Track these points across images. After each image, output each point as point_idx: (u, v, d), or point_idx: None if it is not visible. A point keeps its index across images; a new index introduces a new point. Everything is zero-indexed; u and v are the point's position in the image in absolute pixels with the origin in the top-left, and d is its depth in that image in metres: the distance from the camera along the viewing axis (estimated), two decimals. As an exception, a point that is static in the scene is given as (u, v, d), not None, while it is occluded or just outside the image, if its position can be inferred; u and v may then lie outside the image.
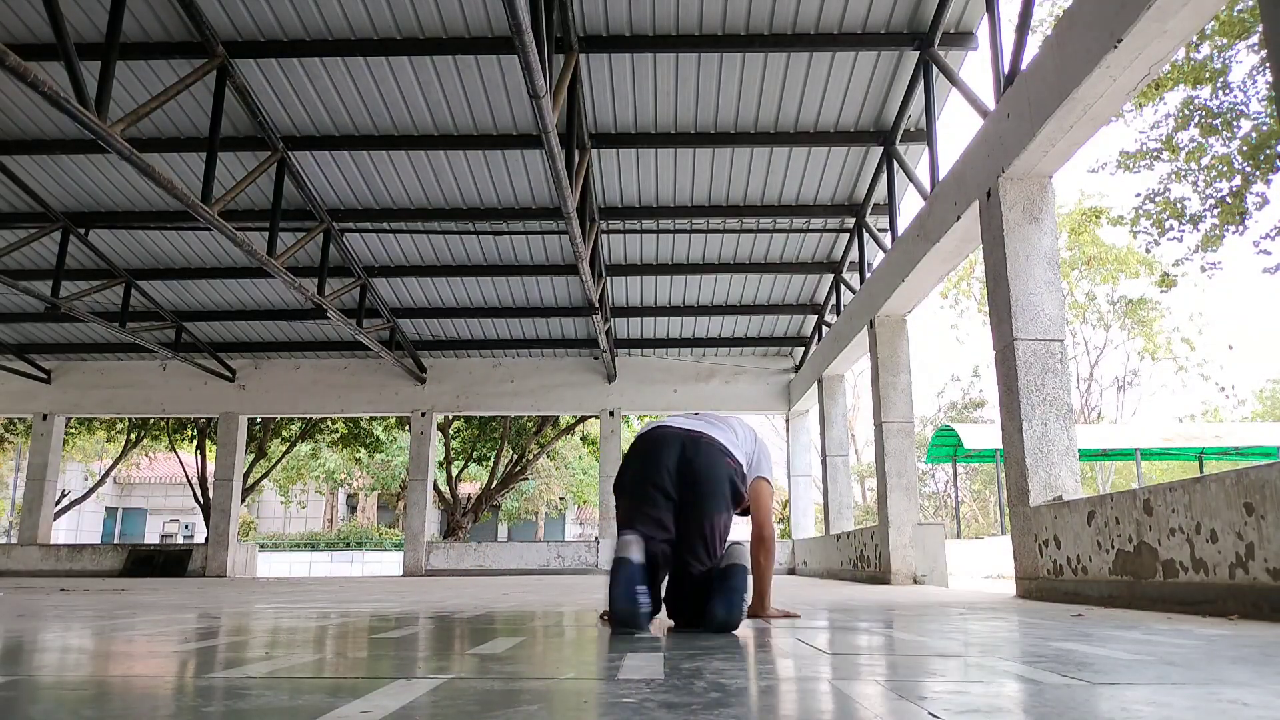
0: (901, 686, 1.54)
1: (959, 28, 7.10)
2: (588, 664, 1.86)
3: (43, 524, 14.13)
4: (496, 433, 19.69)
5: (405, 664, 1.94)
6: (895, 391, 8.55)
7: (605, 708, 1.31)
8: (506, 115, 8.17)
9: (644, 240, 10.67)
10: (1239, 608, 3.21)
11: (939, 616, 3.46)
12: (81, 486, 25.16)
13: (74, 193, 9.55)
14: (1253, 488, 3.16)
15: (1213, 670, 1.71)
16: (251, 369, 14.19)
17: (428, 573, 13.62)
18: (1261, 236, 11.21)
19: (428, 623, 3.25)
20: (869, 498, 31.80)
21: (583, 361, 14.05)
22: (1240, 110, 10.98)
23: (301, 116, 8.19)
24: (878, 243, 9.40)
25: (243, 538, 24.95)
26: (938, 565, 8.00)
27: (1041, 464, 5.11)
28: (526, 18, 4.68)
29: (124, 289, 11.29)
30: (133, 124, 6.27)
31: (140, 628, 3.01)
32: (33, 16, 6.79)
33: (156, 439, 19.79)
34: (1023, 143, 5.18)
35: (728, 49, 7.23)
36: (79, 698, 1.46)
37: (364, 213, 9.84)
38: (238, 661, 1.96)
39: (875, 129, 8.46)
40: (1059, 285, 5.44)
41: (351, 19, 6.95)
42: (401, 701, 1.37)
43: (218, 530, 13.95)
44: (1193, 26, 4.15)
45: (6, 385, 14.14)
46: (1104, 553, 4.21)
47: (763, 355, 14.05)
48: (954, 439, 18.59)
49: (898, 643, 2.38)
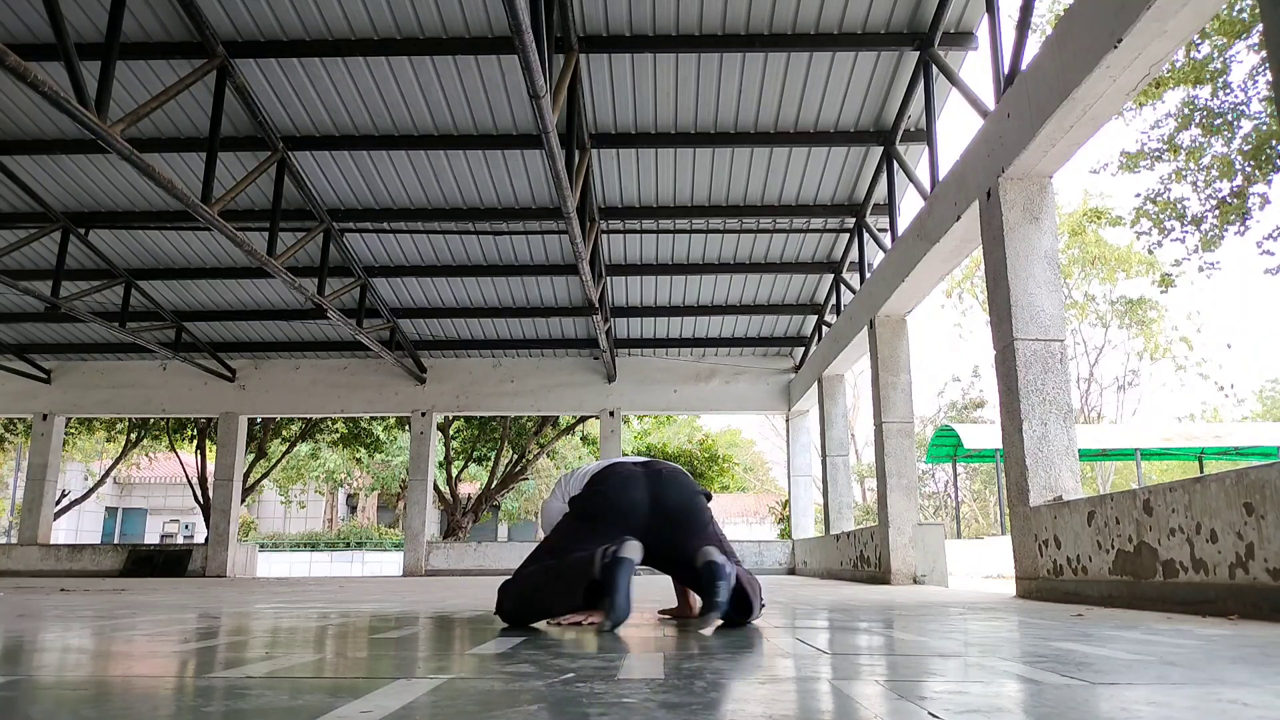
0: (901, 686, 1.54)
1: (959, 28, 7.11)
2: (588, 664, 1.86)
3: (43, 524, 14.14)
4: (496, 433, 19.69)
5: (405, 664, 1.94)
6: (895, 391, 8.55)
7: (605, 708, 1.31)
8: (506, 115, 8.17)
9: (644, 240, 10.67)
10: (1239, 608, 3.21)
11: (939, 616, 3.46)
12: (81, 486, 25.17)
13: (74, 193, 9.55)
14: (1253, 488, 3.16)
15: (1213, 670, 1.71)
16: (251, 369, 14.19)
17: (428, 573, 13.63)
18: (1264, 237, 11.22)
19: (428, 623, 3.25)
20: (869, 498, 31.81)
21: (583, 361, 14.05)
22: (1240, 110, 10.98)
23: (301, 116, 8.19)
24: (878, 243, 9.40)
25: (243, 538, 24.96)
26: (938, 565, 8.00)
27: (1041, 464, 5.11)
28: (526, 18, 4.68)
29: (124, 289, 11.29)
30: (133, 124, 6.27)
31: (140, 628, 3.01)
32: (33, 16, 6.79)
33: (156, 439, 19.80)
34: (1023, 143, 5.18)
35: (728, 49, 7.23)
36: (79, 698, 1.46)
37: (364, 213, 9.84)
38: (238, 661, 1.96)
39: (875, 129, 8.46)
40: (1059, 285, 5.45)
41: (351, 19, 6.95)
42: (401, 701, 1.37)
43: (218, 530, 13.96)
44: (1193, 26, 4.15)
45: (6, 385, 14.14)
46: (1104, 553, 4.21)
47: (763, 355, 14.05)
48: (954, 439, 18.59)
49: (898, 643, 2.38)
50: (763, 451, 37.59)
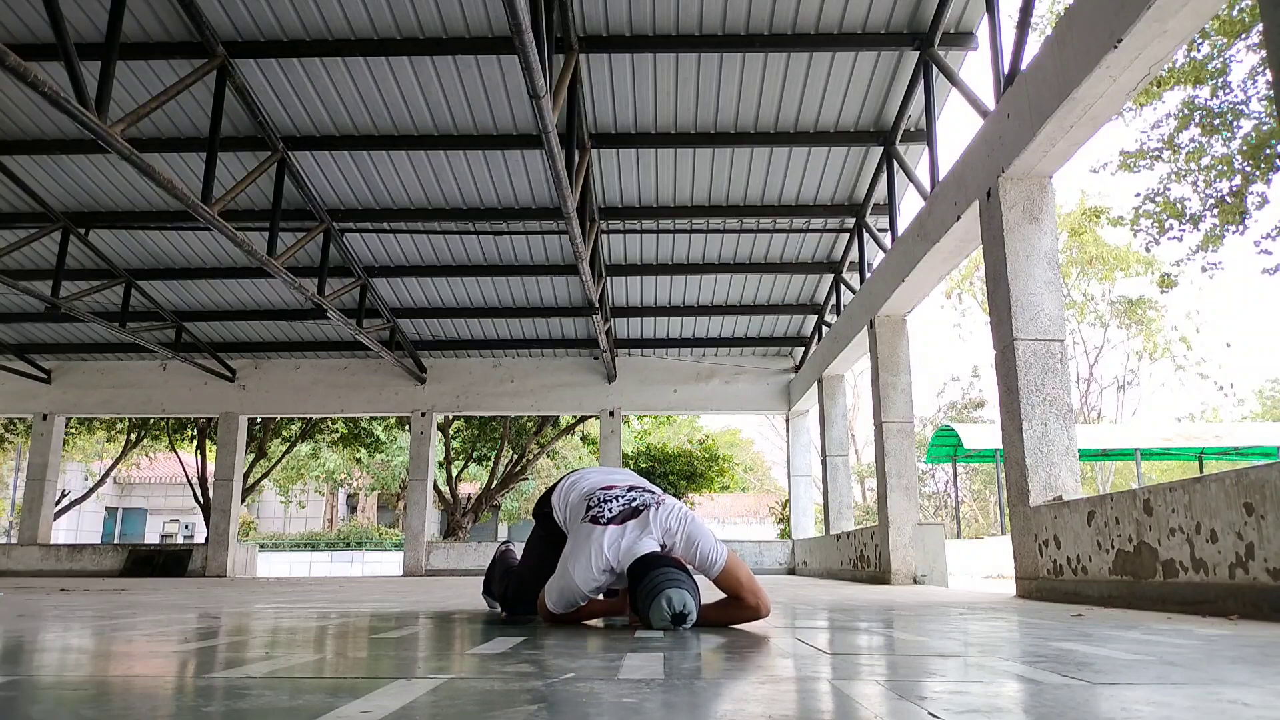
0: (901, 686, 1.54)
1: (959, 28, 7.10)
2: (588, 664, 1.86)
3: (43, 524, 14.14)
4: (496, 433, 19.69)
5: (405, 664, 1.94)
6: (895, 391, 8.56)
7: (605, 708, 1.31)
8: (506, 115, 8.17)
9: (644, 240, 10.67)
10: (1239, 608, 3.21)
11: (939, 616, 3.46)
12: (81, 486, 25.17)
13: (74, 193, 9.55)
14: (1253, 488, 3.16)
15: (1213, 670, 1.71)
16: (251, 369, 14.19)
17: (428, 573, 13.62)
18: (1262, 236, 11.22)
19: (428, 623, 3.25)
20: (869, 498, 31.81)
21: (583, 361, 14.05)
22: (1240, 110, 10.98)
23: (301, 116, 8.19)
24: (878, 243, 9.40)
25: (243, 538, 24.96)
26: (938, 565, 8.00)
27: (1041, 464, 5.11)
28: (526, 18, 4.68)
29: (124, 289, 11.29)
30: (133, 124, 6.27)
31: (140, 628, 3.01)
32: (33, 16, 6.79)
33: (156, 439, 19.79)
34: (1023, 143, 5.18)
35: (728, 49, 7.23)
36: (79, 698, 1.46)
37: (364, 213, 9.84)
38: (238, 661, 1.96)
39: (875, 129, 8.46)
40: (1059, 285, 5.45)
41: (351, 19, 6.95)
42: (401, 701, 1.37)
43: (218, 530, 13.96)
44: (1193, 26, 4.15)
45: (6, 385, 14.14)
46: (1104, 553, 4.21)
47: (763, 355, 14.05)
48: (954, 439, 18.59)
49: (898, 643, 2.38)
50: (763, 451, 37.60)
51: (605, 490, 3.05)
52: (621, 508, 2.93)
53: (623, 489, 3.05)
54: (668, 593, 2.62)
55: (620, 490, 3.04)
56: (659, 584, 2.64)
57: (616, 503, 2.96)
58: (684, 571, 2.73)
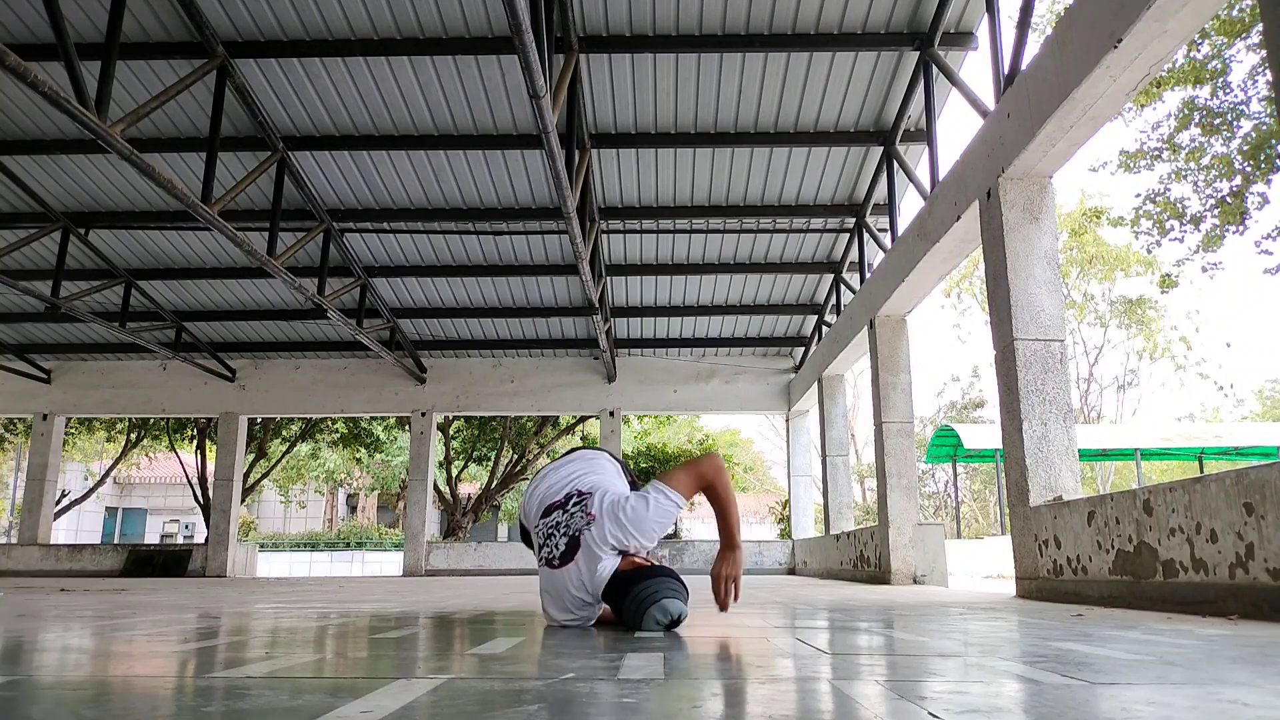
0: (901, 686, 1.54)
1: (959, 28, 7.11)
2: (588, 664, 1.86)
3: (43, 524, 14.14)
4: (496, 433, 19.69)
5: (405, 664, 1.93)
6: (895, 391, 8.55)
7: (605, 708, 1.31)
8: (506, 115, 8.17)
9: (644, 240, 10.67)
10: (1239, 608, 3.21)
11: (939, 616, 3.46)
12: (81, 486, 25.17)
13: (74, 193, 9.55)
14: (1253, 488, 3.16)
15: (1213, 670, 1.71)
16: (251, 369, 14.19)
17: (428, 573, 13.62)
18: (1263, 236, 11.24)
19: (428, 623, 3.25)
20: (869, 498, 31.82)
21: (583, 361, 14.05)
22: (1240, 110, 10.98)
23: (301, 116, 8.19)
24: (878, 243, 9.40)
25: (243, 538, 24.96)
26: (938, 565, 8.00)
27: (1041, 464, 5.11)
28: (526, 18, 4.68)
29: (124, 289, 11.30)
30: (133, 124, 6.27)
31: (140, 628, 3.01)
32: (33, 16, 6.79)
33: (156, 439, 19.80)
34: (1023, 143, 5.18)
35: (728, 49, 7.23)
36: (79, 698, 1.46)
37: (364, 213, 9.85)
38: (238, 661, 1.96)
39: (875, 129, 8.46)
40: (1059, 285, 5.44)
41: (351, 19, 6.95)
42: (401, 701, 1.37)
43: (218, 530, 13.96)
44: (1193, 26, 4.14)
45: (6, 385, 14.14)
46: (1104, 553, 4.21)
47: (763, 355, 14.05)
48: (954, 439, 18.60)
49: (898, 643, 2.38)
50: (763, 451, 37.61)
51: (546, 519, 2.94)
52: (566, 541, 2.82)
53: (561, 513, 2.91)
54: (651, 612, 2.60)
55: (559, 516, 2.90)
56: (642, 602, 2.62)
57: (559, 534, 2.86)
58: (658, 574, 2.68)
